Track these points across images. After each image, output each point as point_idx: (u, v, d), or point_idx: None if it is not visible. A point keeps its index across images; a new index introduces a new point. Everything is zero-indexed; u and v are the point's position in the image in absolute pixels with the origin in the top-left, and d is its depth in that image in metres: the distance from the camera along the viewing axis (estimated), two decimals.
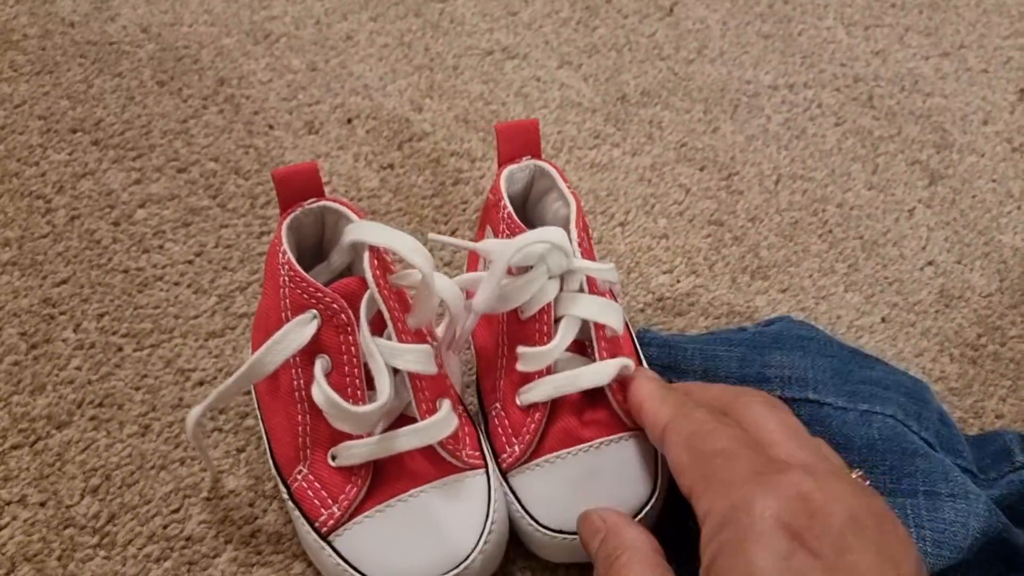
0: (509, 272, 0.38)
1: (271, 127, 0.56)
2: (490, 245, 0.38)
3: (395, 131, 0.56)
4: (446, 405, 0.38)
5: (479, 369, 0.42)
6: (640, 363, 0.42)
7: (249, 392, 0.43)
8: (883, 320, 0.50)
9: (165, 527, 0.39)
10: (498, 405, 0.40)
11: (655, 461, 0.39)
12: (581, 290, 0.39)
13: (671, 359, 0.44)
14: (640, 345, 0.44)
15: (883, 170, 0.57)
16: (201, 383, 0.44)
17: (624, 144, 0.56)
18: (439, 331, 0.41)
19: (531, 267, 0.38)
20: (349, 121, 0.56)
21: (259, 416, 0.40)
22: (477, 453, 0.39)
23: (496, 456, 0.40)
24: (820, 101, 0.60)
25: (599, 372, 0.38)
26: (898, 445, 0.40)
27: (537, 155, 0.44)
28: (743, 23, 0.65)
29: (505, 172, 0.43)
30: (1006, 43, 0.66)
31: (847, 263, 0.52)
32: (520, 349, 0.39)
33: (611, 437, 0.39)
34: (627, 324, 0.43)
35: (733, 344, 0.43)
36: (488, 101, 0.58)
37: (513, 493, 0.39)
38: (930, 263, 0.53)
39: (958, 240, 0.54)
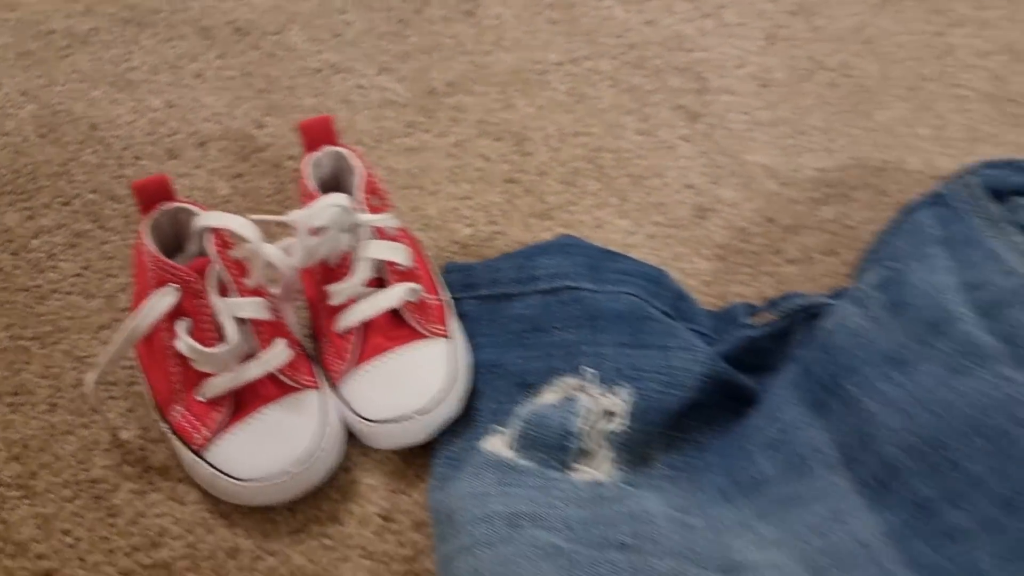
0: (312, 233, 0.50)
1: (138, 158, 0.67)
2: (293, 215, 0.50)
3: (241, 147, 0.67)
4: (281, 343, 0.49)
5: (311, 315, 0.54)
6: (437, 290, 0.53)
7: (132, 358, 0.53)
8: (649, 236, 0.62)
9: (75, 475, 0.50)
10: (325, 337, 0.52)
11: (452, 358, 0.50)
12: (373, 238, 0.51)
13: (466, 279, 0.56)
14: (444, 275, 0.56)
15: (651, 118, 0.69)
16: (95, 365, 0.54)
17: (433, 129, 0.68)
18: (277, 291, 0.52)
19: (326, 227, 0.49)
20: (203, 144, 0.67)
21: (142, 376, 0.51)
22: (311, 377, 0.50)
23: (328, 375, 0.51)
24: (598, 69, 0.72)
25: (389, 296, 0.50)
26: (638, 315, 0.52)
27: (334, 143, 0.55)
28: (534, 14, 0.77)
29: (309, 159, 0.54)
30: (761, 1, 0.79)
31: (619, 197, 0.64)
32: (328, 287, 0.50)
33: (409, 344, 0.50)
34: (427, 260, 0.54)
35: (512, 257, 0.55)
36: (319, 111, 0.69)
37: (344, 401, 0.50)
38: (689, 186, 0.65)
39: (712, 164, 0.66)
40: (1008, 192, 0.53)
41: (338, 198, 0.49)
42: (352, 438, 0.51)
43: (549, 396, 0.50)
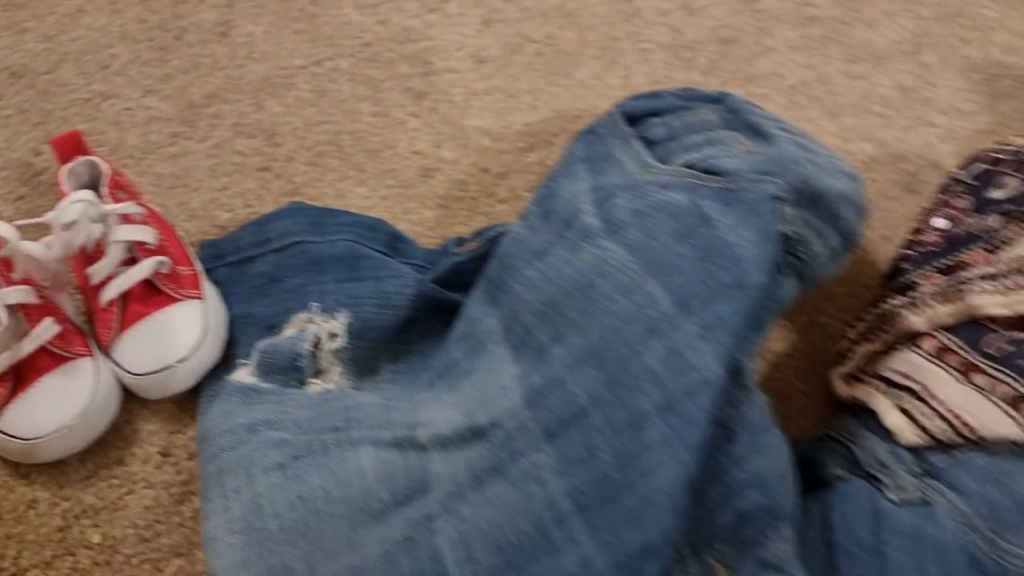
0: (65, 228, 0.59)
1: None
2: (47, 216, 0.59)
3: (21, 173, 0.76)
4: (48, 320, 0.58)
5: (83, 299, 0.63)
6: (191, 262, 0.63)
7: None
8: (383, 198, 0.74)
9: None
10: (95, 314, 0.61)
11: (205, 315, 0.60)
12: (121, 224, 0.61)
13: (216, 251, 0.66)
14: (199, 251, 0.66)
15: (383, 101, 0.81)
16: None
17: (195, 136, 0.78)
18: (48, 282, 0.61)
19: (76, 220, 0.59)
20: None
21: None
22: (84, 348, 0.60)
23: (100, 345, 0.61)
24: (338, 67, 0.84)
25: (140, 269, 0.60)
26: (354, 255, 0.63)
27: (86, 153, 0.65)
28: (281, 27, 0.88)
29: (64, 170, 0.64)
30: None
31: (357, 169, 0.75)
32: (88, 270, 0.60)
33: (166, 308, 0.60)
34: (182, 240, 0.64)
35: (250, 226, 0.66)
36: (91, 134, 0.78)
37: (115, 363, 0.60)
38: (416, 152, 0.77)
39: (436, 132, 0.78)
40: (643, 115, 0.66)
41: (83, 194, 0.59)
42: (132, 395, 0.61)
43: (288, 331, 0.61)
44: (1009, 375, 0.53)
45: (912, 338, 0.59)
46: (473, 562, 0.40)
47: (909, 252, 0.64)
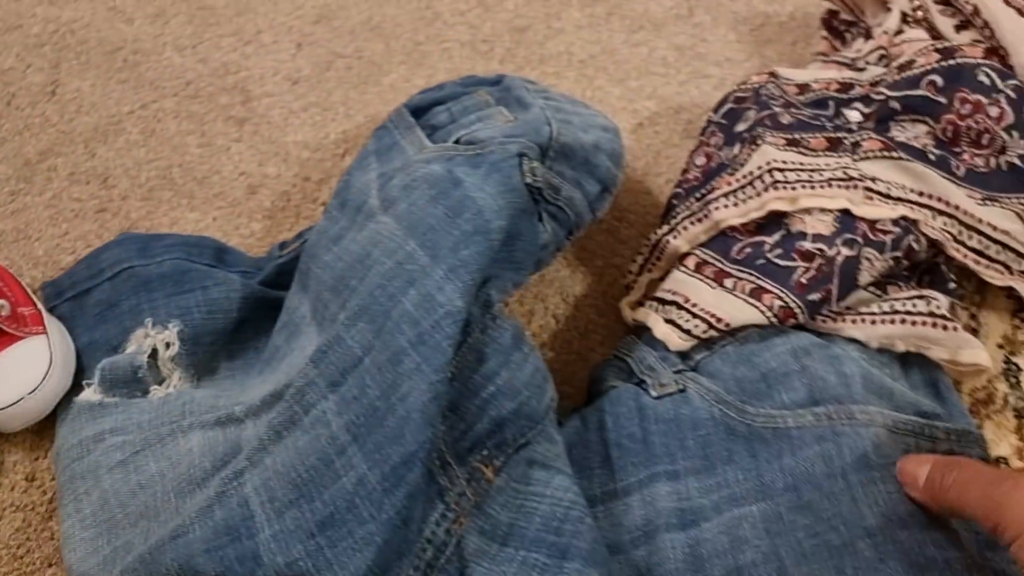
0: None
1: None
2: None
3: None
4: None
5: None
6: (32, 303, 0.69)
7: None
8: (214, 219, 0.80)
9: None
10: None
11: (49, 348, 0.65)
12: None
13: (56, 289, 0.71)
14: (42, 291, 0.71)
15: (207, 132, 0.87)
16: None
17: (32, 191, 0.83)
18: None
19: None
20: None
21: None
22: None
23: None
24: (163, 107, 0.90)
25: None
26: (181, 270, 0.68)
27: None
28: (106, 80, 0.93)
29: None
30: (288, 18, 0.98)
31: (188, 197, 0.82)
32: None
33: (10, 347, 0.65)
34: (19, 283, 0.70)
35: (83, 261, 0.71)
36: None
37: None
38: (242, 173, 0.83)
39: (259, 152, 0.85)
40: (428, 106, 0.73)
41: None
42: None
43: (128, 349, 0.67)
44: (749, 272, 0.61)
45: (681, 259, 0.67)
46: (274, 500, 0.46)
47: (677, 190, 0.73)
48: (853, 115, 0.68)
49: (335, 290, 0.59)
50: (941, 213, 0.61)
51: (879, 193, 0.60)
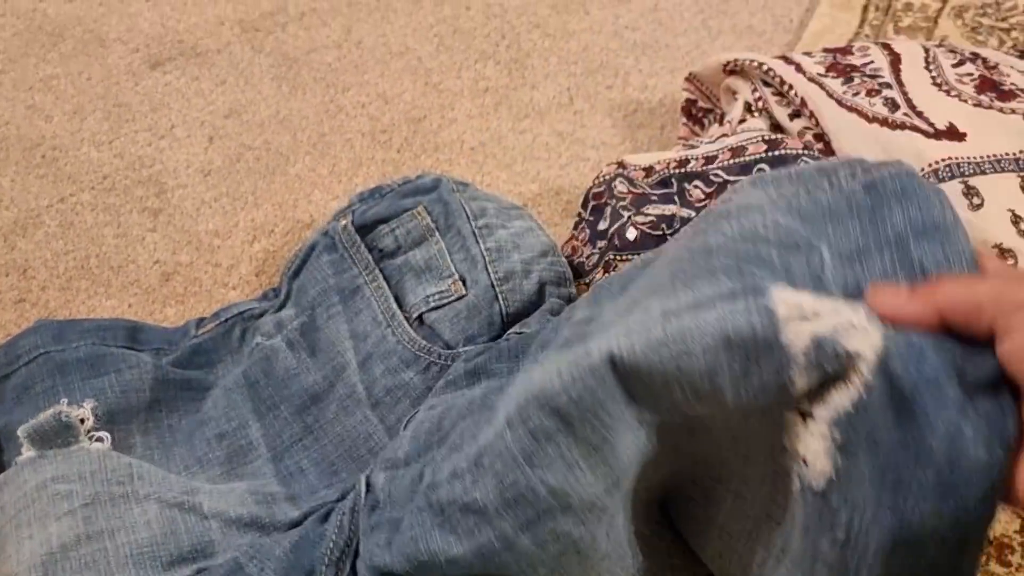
0: None
1: None
2: None
3: None
4: None
5: None
6: None
7: None
8: (130, 306, 0.86)
9: None
10: None
11: None
12: None
13: None
14: None
15: (124, 224, 0.93)
16: None
17: None
18: None
19: None
20: None
21: None
22: None
23: None
24: (80, 200, 0.96)
25: None
26: (96, 355, 0.74)
27: None
28: (26, 174, 0.99)
29: None
30: (201, 113, 1.06)
31: (105, 286, 0.87)
32: None
33: None
34: None
35: (1, 347, 0.76)
36: None
37: None
38: (156, 262, 0.90)
39: (173, 241, 0.91)
40: (372, 224, 0.80)
41: None
42: None
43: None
44: None
45: None
46: None
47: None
48: (696, 193, 0.78)
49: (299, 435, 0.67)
50: None
51: None
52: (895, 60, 0.82)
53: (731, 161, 0.78)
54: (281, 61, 1.13)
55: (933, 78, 0.79)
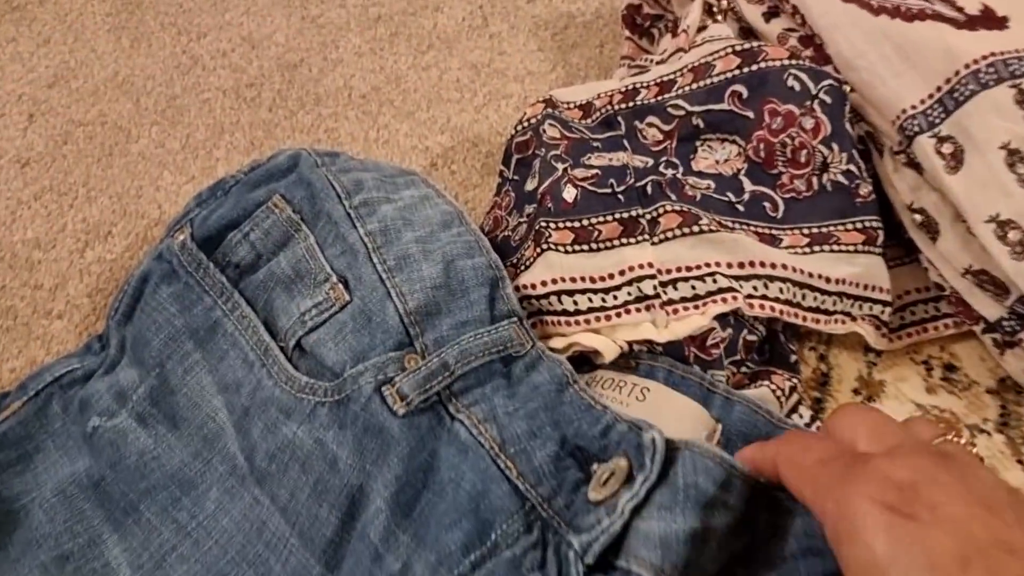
0: None
1: None
2: None
3: None
4: None
5: None
6: None
7: None
8: None
9: None
10: None
11: None
12: None
13: None
14: None
15: None
16: None
17: None
18: None
19: None
20: None
21: None
22: None
23: None
24: None
25: None
26: None
27: None
28: None
29: None
30: (18, 85, 0.83)
31: None
32: None
33: None
34: None
35: None
36: None
37: None
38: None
39: None
40: (217, 234, 0.57)
41: None
42: None
43: None
44: None
45: None
46: None
47: None
48: (652, 133, 0.57)
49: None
50: (770, 279, 0.50)
51: (684, 300, 0.49)
52: None
53: (694, 85, 0.57)
54: (120, 7, 0.90)
55: None
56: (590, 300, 0.50)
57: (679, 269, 0.50)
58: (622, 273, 0.50)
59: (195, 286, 0.56)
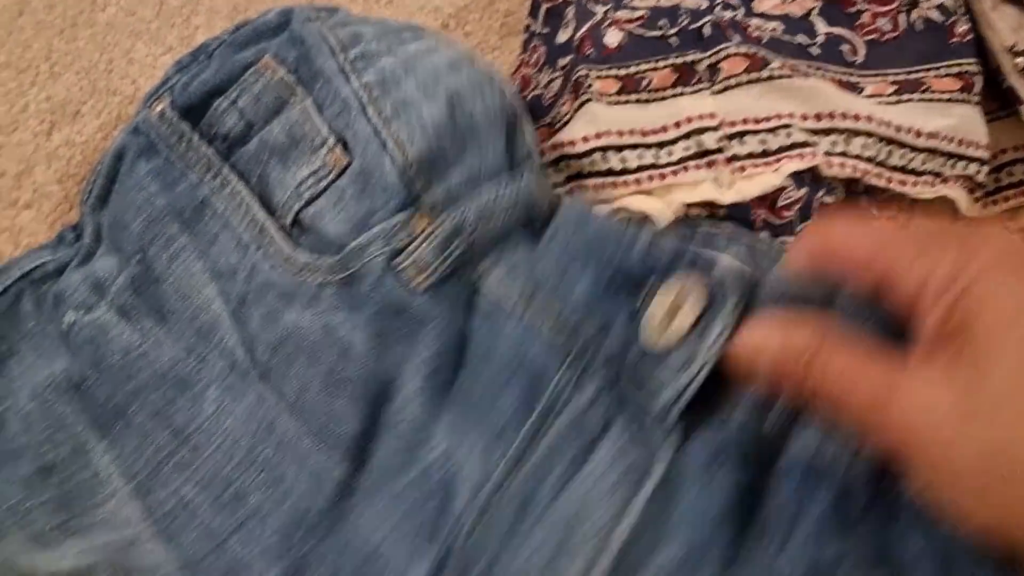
0: None
1: None
2: None
3: None
4: None
5: None
6: None
7: None
8: None
9: None
10: None
11: None
12: None
13: None
14: None
15: None
16: None
17: None
18: None
19: None
20: None
21: None
22: None
23: None
24: None
25: None
26: None
27: None
28: None
29: None
30: None
31: None
32: None
33: None
34: None
35: None
36: None
37: None
38: None
39: None
40: (201, 102, 0.50)
41: None
42: None
43: None
44: None
45: None
46: None
47: None
48: None
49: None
50: (852, 133, 0.42)
51: (752, 156, 0.42)
52: None
53: None
54: None
55: None
56: (640, 156, 0.43)
57: (745, 121, 0.42)
58: (678, 125, 0.43)
59: (177, 161, 0.49)
